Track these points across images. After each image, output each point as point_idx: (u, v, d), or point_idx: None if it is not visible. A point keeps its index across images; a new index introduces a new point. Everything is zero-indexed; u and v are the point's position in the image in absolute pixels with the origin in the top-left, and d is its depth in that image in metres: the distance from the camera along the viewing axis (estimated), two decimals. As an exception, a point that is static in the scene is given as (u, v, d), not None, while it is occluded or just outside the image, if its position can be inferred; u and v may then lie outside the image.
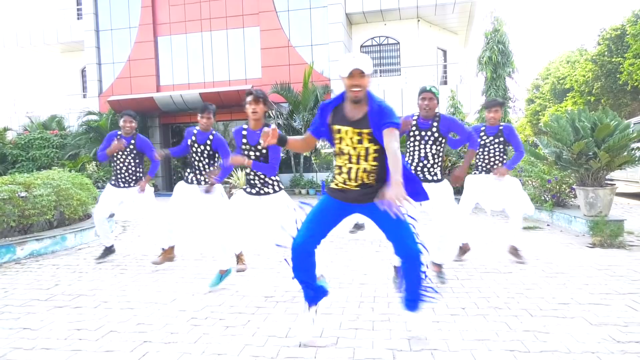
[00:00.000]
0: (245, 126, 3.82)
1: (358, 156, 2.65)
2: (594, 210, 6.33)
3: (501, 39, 10.11)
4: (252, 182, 3.87)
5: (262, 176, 3.83)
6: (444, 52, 18.78)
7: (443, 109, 14.27)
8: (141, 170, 5.29)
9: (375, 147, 2.65)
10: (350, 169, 2.68)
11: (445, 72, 18.37)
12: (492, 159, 4.77)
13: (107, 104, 16.59)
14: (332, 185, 2.82)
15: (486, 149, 4.78)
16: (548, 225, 7.18)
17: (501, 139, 4.74)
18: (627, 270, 4.36)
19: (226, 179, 3.97)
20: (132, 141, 5.17)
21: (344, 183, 2.72)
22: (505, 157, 4.82)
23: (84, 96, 19.94)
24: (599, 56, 22.77)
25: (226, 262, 4.04)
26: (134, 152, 5.19)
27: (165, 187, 17.42)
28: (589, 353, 2.60)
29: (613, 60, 21.87)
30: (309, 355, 2.66)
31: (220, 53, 17.52)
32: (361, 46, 17.94)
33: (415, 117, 3.99)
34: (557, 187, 7.62)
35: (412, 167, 3.94)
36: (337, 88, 16.08)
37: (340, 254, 5.40)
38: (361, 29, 17.83)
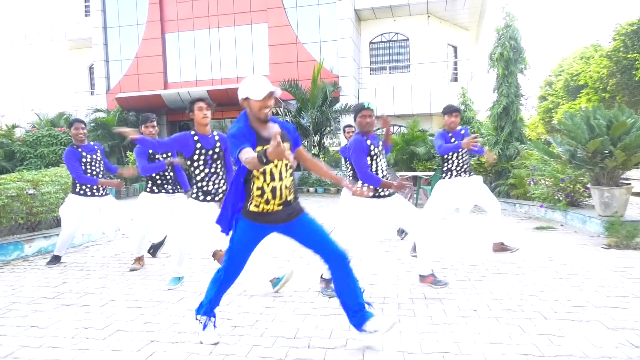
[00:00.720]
0: (193, 132, 3.90)
1: (280, 173, 2.67)
2: (609, 210, 6.24)
3: (513, 35, 9.96)
4: (204, 188, 3.87)
5: (217, 182, 3.89)
6: (455, 48, 18.66)
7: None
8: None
9: (287, 162, 2.69)
10: (274, 187, 2.66)
11: (455, 68, 18.25)
12: (464, 163, 4.90)
13: (115, 101, 16.70)
14: (252, 208, 2.72)
15: (459, 154, 4.88)
16: (562, 225, 7.09)
17: None
18: (644, 272, 4.28)
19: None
20: (97, 148, 5.17)
21: (267, 203, 2.68)
22: (470, 159, 5.01)
23: (92, 93, 20.10)
24: (614, 52, 22.44)
25: (178, 269, 4.12)
26: (100, 158, 5.18)
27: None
28: (605, 358, 2.55)
29: (629, 56, 21.54)
30: (318, 356, 2.64)
31: (228, 50, 17.55)
32: (370, 42, 17.88)
33: (367, 139, 3.86)
34: (571, 187, 7.53)
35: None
36: (346, 85, 16.05)
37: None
38: (370, 25, 17.76)
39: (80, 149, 5.00)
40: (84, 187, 5.01)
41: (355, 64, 16.74)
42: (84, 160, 4.99)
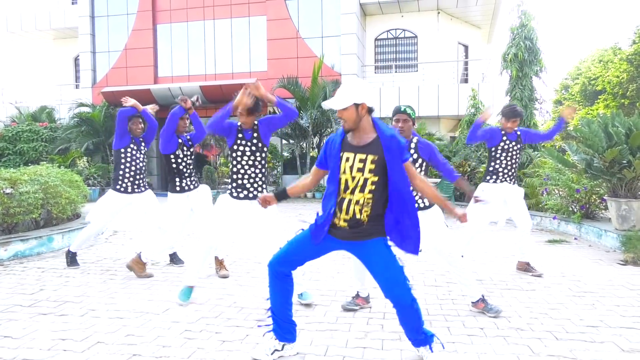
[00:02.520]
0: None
1: (355, 186, 2.64)
2: (626, 224, 6.26)
3: (529, 35, 10.03)
4: (242, 184, 3.87)
5: (257, 179, 3.89)
6: (466, 47, 18.71)
7: (463, 109, 14.21)
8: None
9: (374, 179, 2.62)
10: (342, 199, 2.66)
11: (466, 69, 18.29)
12: (513, 167, 4.82)
13: (101, 95, 16.69)
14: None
15: (509, 154, 4.82)
16: (576, 239, 7.10)
17: (520, 145, 4.86)
18: (662, 291, 4.29)
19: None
20: (141, 139, 5.22)
21: (335, 215, 2.70)
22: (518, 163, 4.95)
23: (77, 86, 20.09)
24: (635, 55, 22.56)
25: (192, 277, 3.98)
26: (145, 150, 5.26)
27: (161, 187, 17.49)
28: (620, 383, 2.55)
29: (650, 60, 21.68)
30: (312, 375, 2.64)
31: (224, 43, 17.57)
32: (376, 39, 17.93)
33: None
34: (587, 198, 7.55)
35: None
36: (349, 84, 16.06)
37: (347, 264, 5.36)
38: (376, 20, 17.81)
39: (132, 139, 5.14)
40: (124, 181, 5.03)
41: (359, 62, 16.78)
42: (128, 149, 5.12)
